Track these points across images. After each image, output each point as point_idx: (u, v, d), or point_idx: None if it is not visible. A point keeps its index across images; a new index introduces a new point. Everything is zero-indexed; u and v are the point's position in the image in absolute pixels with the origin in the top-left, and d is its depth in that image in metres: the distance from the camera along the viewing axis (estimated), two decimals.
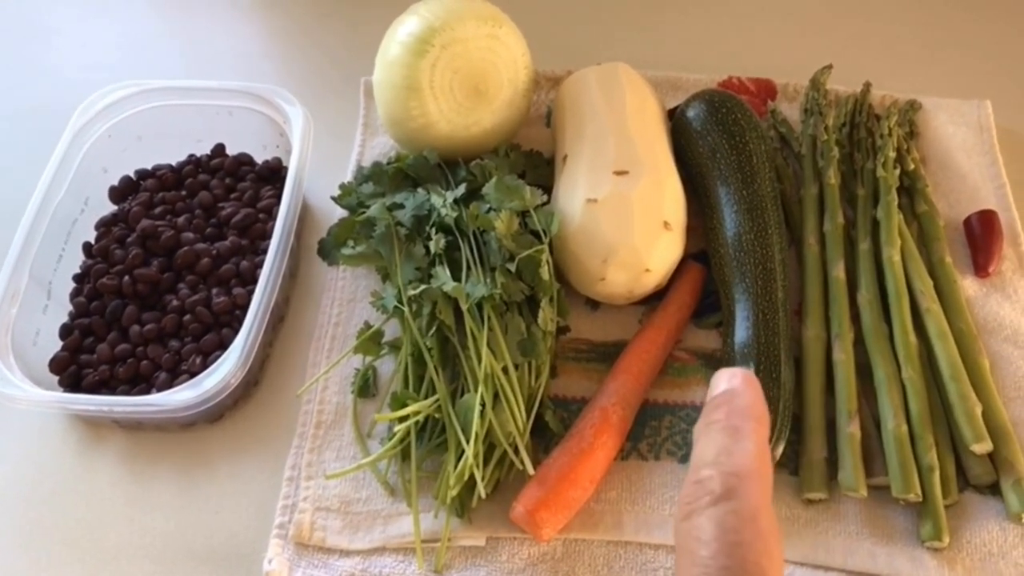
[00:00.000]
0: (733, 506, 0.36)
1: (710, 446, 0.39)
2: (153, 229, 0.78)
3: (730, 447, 0.38)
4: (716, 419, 0.40)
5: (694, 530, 0.37)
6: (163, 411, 0.66)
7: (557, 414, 0.70)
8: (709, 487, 0.37)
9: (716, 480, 0.37)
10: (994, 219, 0.79)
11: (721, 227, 0.73)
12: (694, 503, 0.37)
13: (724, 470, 0.38)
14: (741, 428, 0.39)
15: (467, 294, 0.66)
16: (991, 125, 0.88)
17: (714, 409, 0.41)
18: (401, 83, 0.75)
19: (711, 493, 0.37)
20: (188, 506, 0.69)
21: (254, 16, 1.06)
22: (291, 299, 0.80)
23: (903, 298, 0.71)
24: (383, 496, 0.67)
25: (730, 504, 0.36)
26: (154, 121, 0.85)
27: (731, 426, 0.39)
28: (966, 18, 1.02)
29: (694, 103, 0.79)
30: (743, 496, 0.37)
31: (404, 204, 0.73)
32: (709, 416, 0.41)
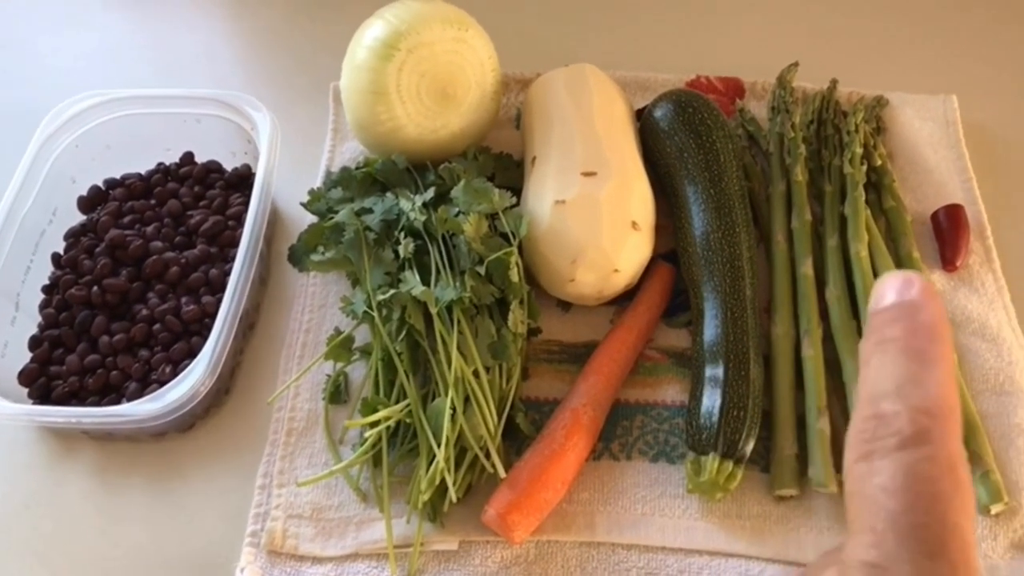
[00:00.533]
0: (928, 452, 0.30)
1: (889, 372, 0.31)
2: (122, 239, 0.77)
3: (918, 375, 0.31)
4: (894, 336, 0.32)
5: (876, 475, 0.30)
6: (132, 421, 0.66)
7: (529, 416, 0.70)
8: (895, 425, 0.30)
9: (904, 417, 0.30)
10: (961, 213, 0.79)
11: (689, 226, 0.74)
12: (874, 442, 0.31)
13: (913, 404, 0.30)
14: (928, 352, 0.31)
15: (436, 298, 0.66)
16: (957, 119, 0.89)
17: (888, 323, 0.32)
18: (368, 88, 0.75)
19: (899, 433, 0.30)
20: (160, 516, 0.69)
21: (224, 23, 1.06)
22: (262, 306, 0.79)
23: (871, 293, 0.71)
24: (355, 502, 0.67)
25: (924, 449, 0.30)
26: (122, 130, 0.84)
27: (915, 348, 0.31)
28: (931, 13, 1.02)
29: (661, 103, 0.80)
30: (939, 440, 0.30)
31: (373, 209, 0.73)
32: (882, 332, 0.32)
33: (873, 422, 0.31)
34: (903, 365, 0.31)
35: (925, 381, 0.31)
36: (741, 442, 0.64)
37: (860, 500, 0.31)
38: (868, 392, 0.32)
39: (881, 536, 0.29)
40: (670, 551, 0.65)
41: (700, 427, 0.65)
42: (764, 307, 0.74)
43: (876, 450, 0.31)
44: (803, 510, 0.66)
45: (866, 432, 0.31)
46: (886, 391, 0.31)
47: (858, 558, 0.30)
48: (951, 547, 0.28)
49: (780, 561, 0.64)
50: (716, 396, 0.66)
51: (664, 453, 0.69)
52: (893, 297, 0.33)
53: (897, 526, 0.29)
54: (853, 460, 0.32)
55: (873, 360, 0.32)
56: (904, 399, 0.31)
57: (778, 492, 0.66)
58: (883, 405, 0.31)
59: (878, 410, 0.31)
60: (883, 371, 0.32)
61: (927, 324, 0.32)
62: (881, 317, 0.33)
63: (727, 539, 0.65)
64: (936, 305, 0.33)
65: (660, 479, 0.68)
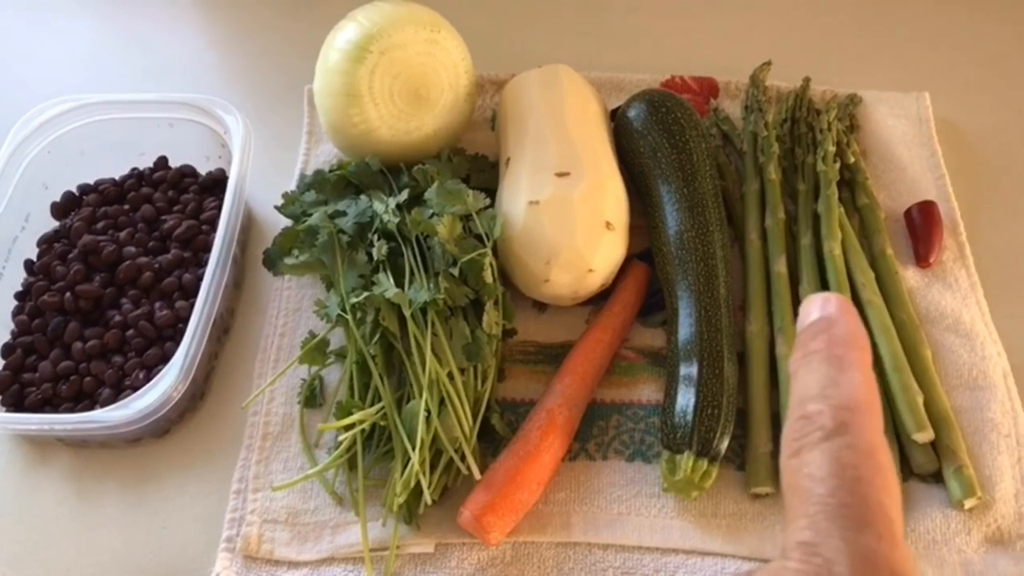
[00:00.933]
0: (848, 440, 0.34)
1: (812, 378, 0.36)
2: (95, 244, 0.77)
3: (836, 378, 0.35)
4: (816, 349, 0.37)
5: (805, 467, 0.34)
6: (106, 427, 0.65)
7: (505, 417, 0.70)
8: (819, 422, 0.34)
9: (826, 414, 0.34)
10: (934, 210, 0.80)
11: (663, 226, 0.74)
12: (802, 439, 0.35)
13: (834, 403, 0.35)
14: (845, 358, 0.36)
15: (410, 300, 0.66)
16: (930, 117, 0.89)
17: (811, 338, 0.37)
18: (341, 90, 0.75)
19: (822, 428, 0.34)
20: (135, 522, 0.68)
21: (198, 27, 1.05)
22: (236, 310, 0.79)
23: (844, 291, 0.72)
24: (331, 506, 0.67)
25: (844, 439, 0.34)
26: (95, 135, 0.84)
27: (833, 356, 0.36)
28: (903, 12, 1.03)
29: (635, 103, 0.80)
30: (857, 430, 0.34)
31: (346, 211, 0.73)
32: (807, 346, 0.37)
33: (801, 422, 0.35)
34: (824, 371, 0.36)
35: (843, 383, 0.35)
36: (715, 440, 0.64)
37: (793, 491, 0.35)
38: (796, 398, 0.37)
39: (813, 518, 0.32)
40: (646, 550, 0.65)
41: (675, 426, 0.65)
42: (739, 305, 0.75)
43: (804, 445, 0.34)
44: (778, 507, 0.66)
45: (796, 432, 0.35)
46: (811, 395, 0.36)
47: (794, 540, 0.33)
48: (875, 522, 0.32)
49: (756, 559, 0.64)
50: (690, 395, 0.66)
51: (640, 452, 0.69)
52: (816, 315, 0.38)
53: (826, 508, 0.32)
54: (786, 457, 0.36)
55: (800, 371, 0.37)
56: (826, 399, 0.35)
57: (753, 490, 0.66)
58: (809, 407, 0.35)
59: (805, 411, 0.35)
60: (808, 379, 0.36)
61: (843, 334, 0.37)
62: (805, 333, 0.38)
63: (703, 537, 0.65)
64: (851, 317, 0.38)
65: (636, 478, 0.68)
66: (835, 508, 0.32)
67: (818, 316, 0.38)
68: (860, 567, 0.31)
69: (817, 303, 0.39)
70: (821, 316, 0.38)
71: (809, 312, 0.39)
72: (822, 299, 0.39)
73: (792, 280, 0.74)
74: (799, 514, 0.33)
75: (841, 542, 0.31)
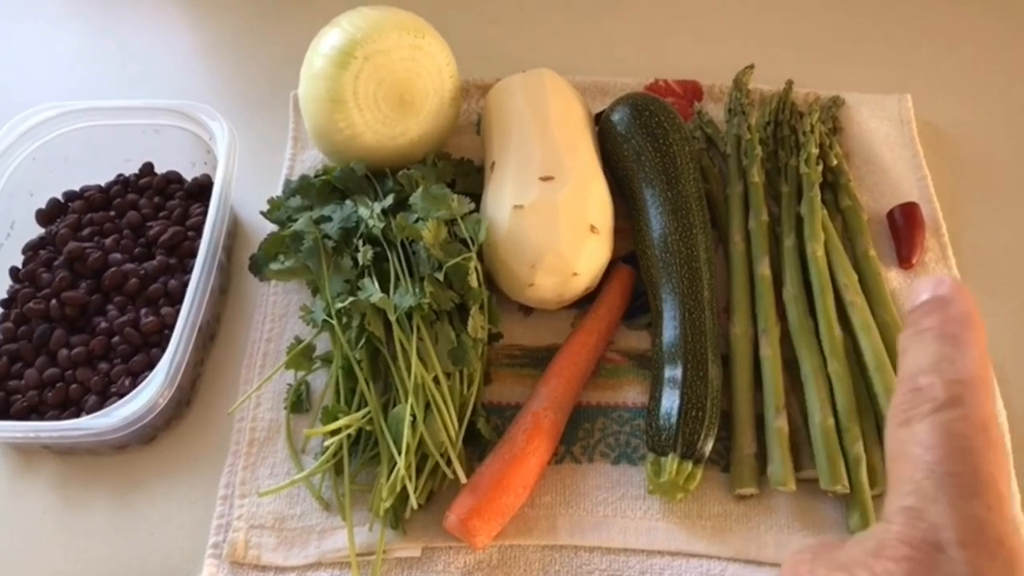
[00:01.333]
0: (960, 413, 0.33)
1: (925, 354, 0.36)
2: (80, 251, 0.77)
3: (951, 355, 0.35)
4: (929, 326, 0.36)
5: (915, 436, 0.34)
6: (92, 435, 0.65)
7: (491, 421, 0.70)
8: (931, 394, 0.34)
9: (939, 387, 0.34)
10: (916, 211, 0.80)
11: (647, 229, 0.74)
12: (912, 410, 0.34)
13: (948, 378, 0.34)
14: (960, 336, 0.36)
15: (395, 305, 0.66)
16: (912, 118, 0.90)
17: (924, 316, 0.37)
18: (325, 96, 0.75)
19: (934, 400, 0.34)
20: (122, 529, 0.68)
21: (184, 33, 1.05)
22: (223, 316, 0.79)
23: (827, 293, 0.72)
24: (318, 511, 0.67)
25: (957, 411, 0.33)
26: (80, 142, 0.84)
27: (948, 334, 0.36)
28: (885, 14, 1.04)
29: (618, 107, 0.80)
30: (971, 404, 0.33)
31: (331, 217, 0.73)
32: (919, 323, 0.37)
33: (911, 394, 0.35)
34: (938, 348, 0.36)
35: (958, 359, 0.35)
36: (700, 442, 0.65)
37: (900, 460, 0.34)
38: (907, 372, 0.36)
39: (919, 484, 0.32)
40: (632, 552, 0.65)
41: (659, 428, 0.66)
42: (723, 307, 0.75)
43: (914, 416, 0.34)
44: (763, 508, 0.67)
45: (905, 403, 0.35)
46: (923, 368, 0.35)
47: (897, 505, 0.32)
48: (985, 492, 0.31)
49: (741, 560, 0.64)
50: (674, 397, 0.66)
51: (626, 455, 0.69)
52: (927, 295, 0.38)
53: (934, 474, 0.32)
54: (894, 427, 0.35)
55: (911, 348, 0.37)
56: (939, 374, 0.35)
57: (738, 491, 0.66)
58: (920, 380, 0.35)
59: (916, 384, 0.35)
60: (920, 354, 0.36)
61: (959, 314, 0.36)
62: (917, 312, 0.38)
63: (688, 539, 0.65)
64: (966, 298, 0.37)
65: (622, 481, 0.68)
66: (943, 476, 0.32)
67: (929, 296, 0.38)
68: (967, 534, 0.30)
69: (929, 283, 0.38)
70: (934, 295, 0.37)
71: (920, 292, 0.38)
72: (935, 280, 0.38)
73: (776, 282, 0.74)
74: (904, 480, 0.33)
75: (948, 507, 0.31)
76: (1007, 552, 0.30)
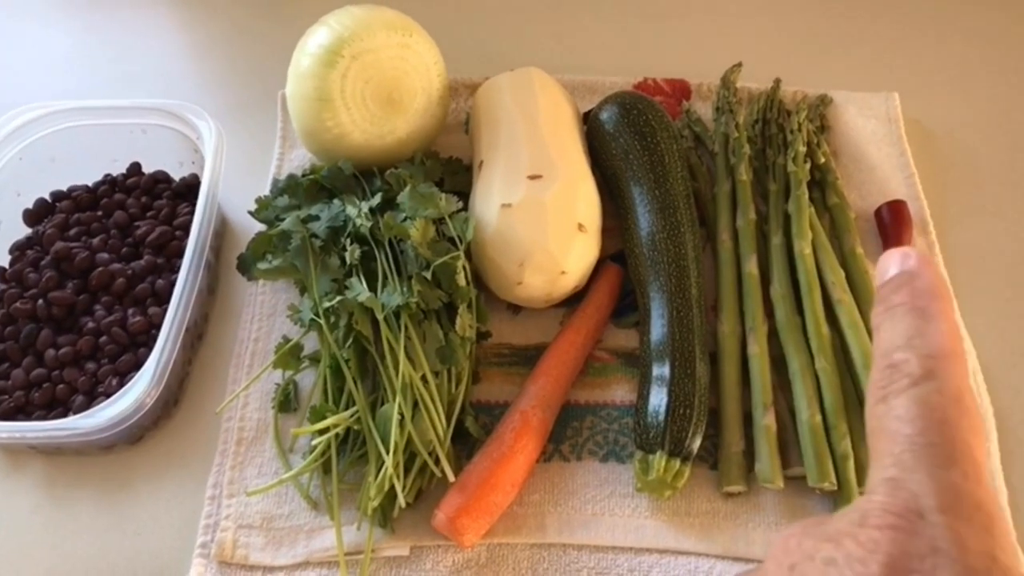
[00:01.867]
0: (935, 386, 0.34)
1: (898, 330, 0.36)
2: (67, 251, 0.77)
3: (922, 328, 0.36)
4: (900, 301, 0.37)
5: (892, 411, 0.34)
6: (78, 435, 0.65)
7: (479, 420, 0.70)
8: (906, 370, 0.35)
9: (913, 362, 0.35)
10: (904, 209, 0.81)
11: (636, 227, 0.74)
12: (889, 386, 0.35)
13: (920, 352, 0.35)
14: (929, 308, 0.36)
15: (382, 303, 0.66)
16: (899, 116, 0.90)
17: (893, 291, 0.38)
18: (313, 95, 0.75)
19: (909, 375, 0.35)
20: (110, 529, 0.68)
21: (171, 32, 1.05)
22: (211, 316, 0.79)
23: (815, 290, 0.72)
24: (306, 511, 0.67)
25: (932, 384, 0.34)
26: (68, 142, 0.84)
27: (918, 307, 0.36)
28: (873, 13, 1.04)
29: (607, 106, 0.80)
30: (944, 376, 0.34)
31: (319, 216, 0.73)
32: (889, 300, 0.38)
33: (888, 371, 0.36)
34: (909, 322, 0.36)
35: (930, 332, 0.36)
36: (688, 440, 0.65)
37: (879, 434, 0.35)
38: (881, 349, 0.37)
39: (898, 457, 0.33)
40: (620, 550, 0.65)
41: (647, 426, 0.66)
42: (711, 305, 0.75)
43: (891, 392, 0.35)
44: (751, 506, 0.67)
45: (882, 379, 0.36)
46: (897, 344, 0.36)
47: (879, 477, 0.33)
48: (961, 460, 0.32)
49: (729, 557, 0.65)
50: (662, 395, 0.66)
51: (614, 453, 0.70)
52: (895, 270, 0.38)
53: (913, 446, 0.33)
54: (872, 403, 0.36)
55: (884, 325, 0.37)
56: (913, 349, 0.35)
57: (726, 489, 0.66)
58: (895, 355, 0.36)
59: (891, 360, 0.36)
60: (893, 331, 0.37)
61: (926, 286, 0.37)
62: (886, 288, 0.38)
63: (676, 537, 0.65)
64: (932, 269, 0.38)
65: (610, 479, 0.68)
66: (921, 447, 0.33)
67: (897, 271, 0.38)
68: (946, 500, 0.31)
69: (896, 258, 0.39)
70: (902, 270, 0.38)
71: (887, 267, 0.39)
72: (901, 254, 0.39)
73: (763, 280, 0.74)
74: (884, 453, 0.34)
75: (927, 476, 0.32)
76: (984, 516, 0.31)
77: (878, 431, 0.35)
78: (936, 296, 0.37)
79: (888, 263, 0.39)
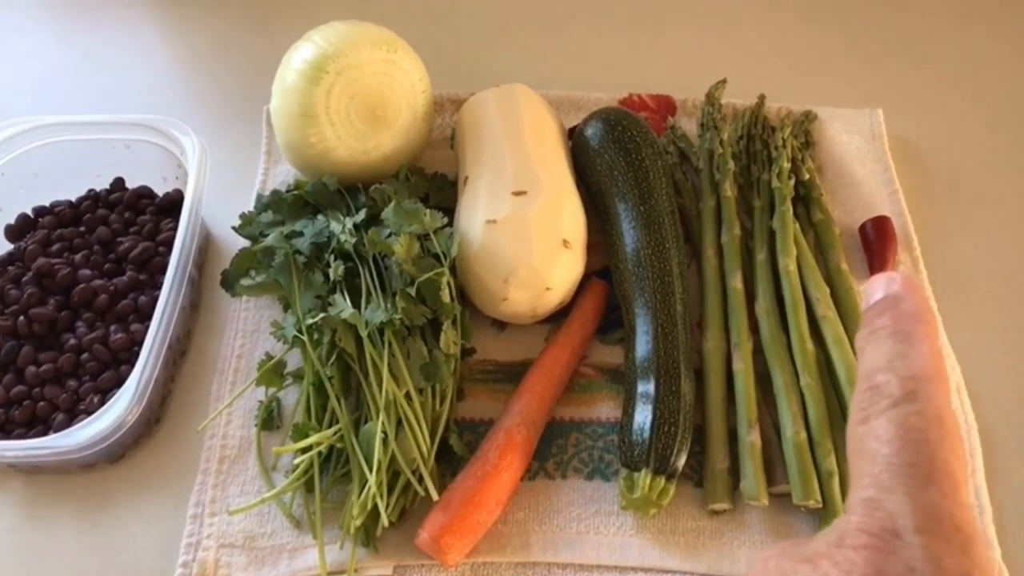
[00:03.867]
0: (916, 407, 0.34)
1: (880, 352, 0.37)
2: (49, 267, 0.76)
3: (904, 351, 0.36)
4: (883, 325, 0.37)
5: (872, 431, 0.35)
6: (58, 453, 0.64)
7: (463, 437, 0.69)
8: (886, 391, 0.35)
9: (894, 383, 0.35)
10: (888, 225, 0.81)
11: (621, 243, 0.74)
12: (870, 407, 0.35)
13: (901, 374, 0.35)
14: (913, 332, 0.37)
15: (366, 320, 0.66)
16: (883, 132, 0.91)
17: (877, 315, 0.38)
18: (297, 110, 0.75)
19: (890, 397, 0.35)
20: (90, 549, 0.67)
21: (155, 47, 1.05)
22: (193, 333, 0.78)
23: (799, 306, 0.72)
24: (289, 529, 0.66)
25: (912, 406, 0.34)
26: (51, 157, 0.83)
27: (901, 331, 0.37)
28: (857, 29, 1.05)
29: (592, 122, 0.80)
30: (925, 398, 0.35)
31: (303, 232, 0.73)
32: (873, 323, 0.38)
33: (869, 392, 0.36)
34: (892, 345, 0.36)
35: (912, 354, 0.36)
36: (673, 457, 0.65)
37: (859, 455, 0.35)
38: (864, 371, 0.37)
39: (877, 477, 0.33)
40: (605, 569, 0.65)
41: (632, 443, 0.66)
42: (696, 322, 0.75)
43: (871, 413, 0.35)
44: (736, 524, 0.66)
45: (863, 401, 0.36)
46: (879, 367, 0.36)
47: (857, 497, 0.33)
48: (940, 480, 0.32)
49: None
50: (647, 412, 0.66)
51: (599, 470, 0.69)
52: (881, 294, 0.39)
53: (891, 466, 0.33)
54: (853, 425, 0.36)
55: (867, 348, 0.38)
56: (894, 371, 0.36)
57: (711, 506, 0.66)
58: (877, 377, 0.36)
59: (873, 382, 0.36)
60: (876, 353, 0.37)
61: (910, 310, 0.37)
62: (872, 311, 0.38)
63: (661, 555, 0.65)
64: (918, 294, 0.38)
65: (595, 497, 0.68)
66: (900, 467, 0.33)
67: (883, 295, 0.39)
68: (924, 520, 0.31)
69: (882, 282, 0.39)
70: (887, 294, 0.38)
71: (874, 292, 0.39)
72: (887, 278, 0.39)
73: (748, 296, 0.74)
74: (863, 474, 0.34)
75: (905, 496, 0.32)
76: (963, 537, 0.31)
77: (858, 451, 0.35)
78: (920, 320, 0.37)
79: (874, 287, 0.39)
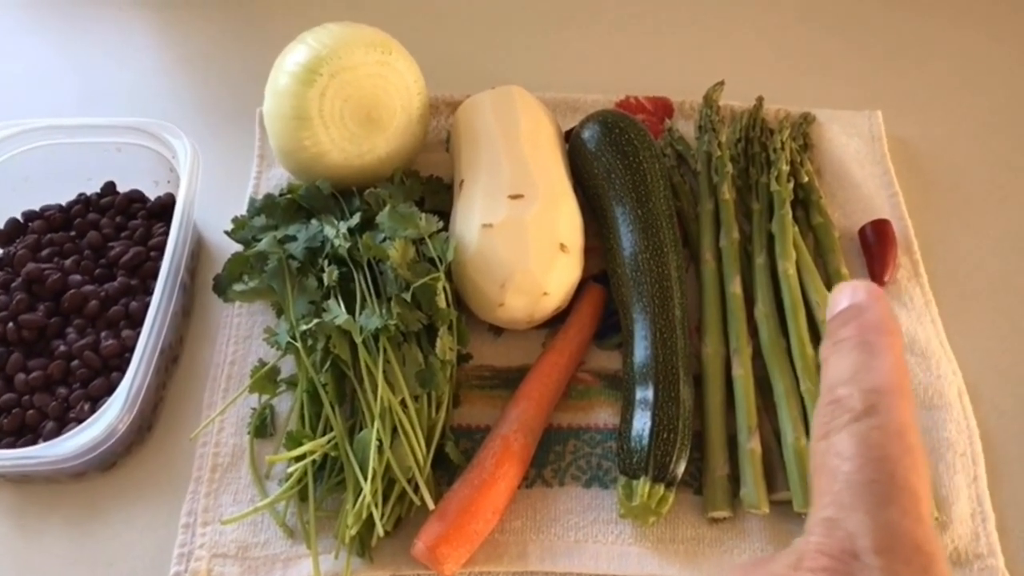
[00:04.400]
0: (876, 422, 0.34)
1: (843, 364, 0.36)
2: (39, 272, 0.75)
3: (867, 363, 0.36)
4: (846, 336, 0.37)
5: (833, 448, 0.34)
6: (47, 462, 0.63)
7: (460, 445, 0.68)
8: (848, 405, 0.35)
9: (856, 397, 0.35)
10: (888, 228, 0.80)
11: (618, 247, 0.73)
12: (832, 422, 0.35)
13: (863, 387, 0.35)
14: (875, 343, 0.36)
15: (361, 326, 0.65)
16: (882, 135, 0.90)
17: (841, 326, 0.38)
18: (291, 113, 0.74)
19: (851, 411, 0.34)
20: (81, 560, 0.66)
21: (148, 50, 1.03)
22: (186, 339, 0.77)
23: (799, 311, 0.72)
24: (282, 539, 0.65)
25: (873, 420, 0.34)
26: (41, 161, 0.82)
27: (864, 342, 0.36)
28: (855, 31, 1.04)
29: (589, 124, 0.79)
30: (886, 412, 0.34)
31: (297, 236, 0.72)
32: (837, 334, 0.38)
33: (831, 406, 0.35)
34: (855, 357, 0.36)
35: (874, 367, 0.35)
36: (672, 464, 0.64)
37: (820, 472, 0.34)
38: (826, 384, 0.36)
39: (837, 495, 0.32)
40: None
41: (630, 450, 0.65)
42: (694, 327, 0.74)
43: (833, 428, 0.35)
44: (736, 532, 0.65)
45: (825, 415, 0.35)
46: (842, 379, 0.36)
47: (817, 516, 0.33)
48: (900, 498, 0.32)
49: None
50: (646, 419, 0.65)
51: (597, 478, 0.68)
52: (845, 303, 0.38)
53: (851, 484, 0.32)
54: (815, 440, 0.36)
55: (831, 359, 0.37)
56: (856, 383, 0.35)
57: (711, 514, 0.65)
58: (839, 391, 0.35)
59: (835, 396, 0.35)
60: (839, 365, 0.36)
61: (874, 321, 0.37)
62: (835, 321, 0.38)
63: (660, 564, 0.64)
64: (881, 303, 0.38)
65: (593, 504, 0.67)
66: (860, 484, 0.32)
67: (847, 304, 0.38)
68: (883, 540, 0.31)
69: (846, 291, 0.39)
70: (851, 304, 0.38)
71: (838, 301, 0.39)
72: (851, 287, 0.39)
73: (747, 301, 0.74)
74: (824, 492, 0.34)
75: (865, 516, 0.31)
76: (923, 557, 0.30)
77: (820, 468, 0.35)
78: (883, 331, 0.37)
79: (839, 297, 0.39)
